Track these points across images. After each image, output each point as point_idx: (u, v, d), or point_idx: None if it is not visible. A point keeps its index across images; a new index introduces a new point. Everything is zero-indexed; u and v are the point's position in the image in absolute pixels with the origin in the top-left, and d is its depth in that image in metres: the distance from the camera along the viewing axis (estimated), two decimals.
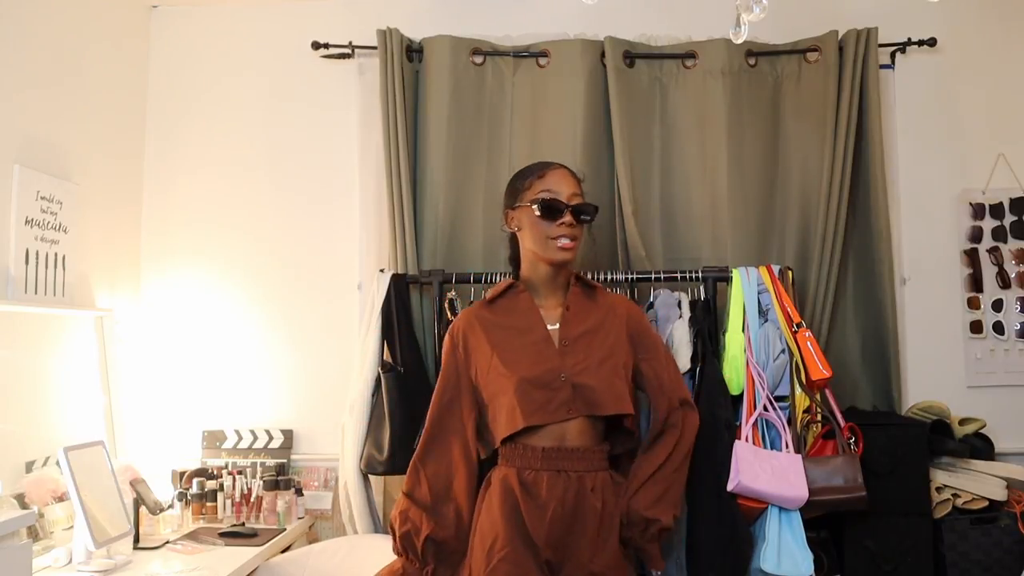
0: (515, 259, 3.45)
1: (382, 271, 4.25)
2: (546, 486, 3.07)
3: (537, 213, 3.20)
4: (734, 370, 3.82)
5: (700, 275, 4.06)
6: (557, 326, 3.25)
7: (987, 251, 4.54)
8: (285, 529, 4.11)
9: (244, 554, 3.68)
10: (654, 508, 3.11)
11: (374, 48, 4.45)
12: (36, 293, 3.73)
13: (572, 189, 3.26)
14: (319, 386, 4.56)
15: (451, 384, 3.28)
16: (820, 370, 3.75)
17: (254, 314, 4.66)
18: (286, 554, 3.98)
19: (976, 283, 4.53)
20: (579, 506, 3.07)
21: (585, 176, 3.42)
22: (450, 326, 3.39)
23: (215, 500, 4.23)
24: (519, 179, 3.36)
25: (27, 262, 3.67)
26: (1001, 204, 4.55)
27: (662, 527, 3.10)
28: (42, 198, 3.77)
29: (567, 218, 3.19)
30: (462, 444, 3.20)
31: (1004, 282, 4.51)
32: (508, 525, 3.03)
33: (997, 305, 4.52)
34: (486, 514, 3.11)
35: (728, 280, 4.02)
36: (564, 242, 3.20)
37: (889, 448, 3.93)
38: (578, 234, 3.24)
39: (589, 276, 3.82)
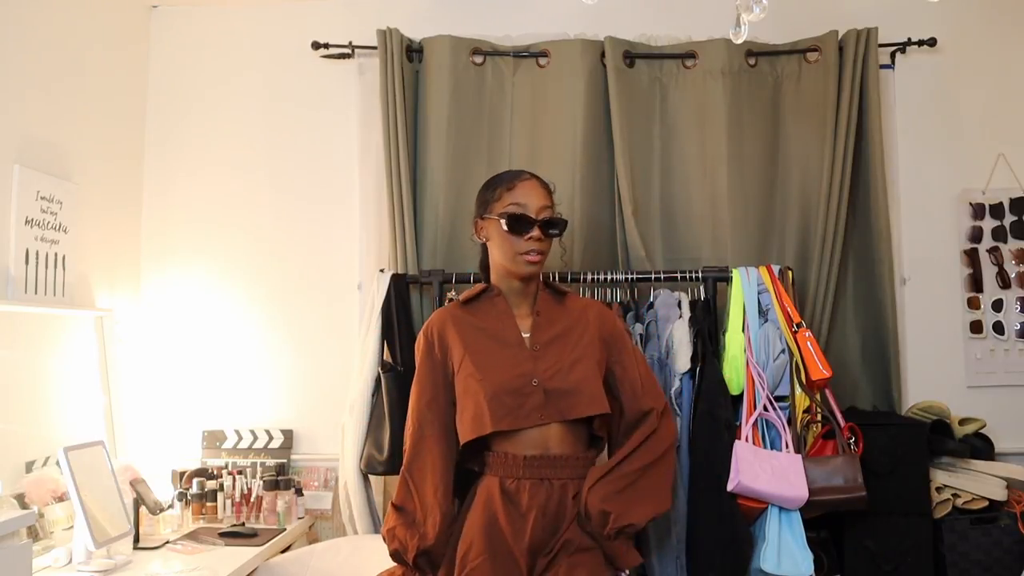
0: (485, 268, 3.38)
1: (382, 271, 4.25)
2: (528, 494, 3.03)
3: (505, 228, 3.13)
4: (734, 370, 3.82)
5: (700, 275, 4.07)
6: (529, 334, 3.19)
7: (987, 251, 4.54)
8: (285, 529, 4.10)
9: (244, 554, 3.68)
10: (609, 502, 3.00)
11: (374, 48, 4.45)
12: (36, 293, 3.72)
13: (542, 202, 3.17)
14: (319, 386, 4.57)
15: (429, 384, 3.21)
16: (820, 370, 3.75)
17: (254, 314, 4.66)
18: (286, 554, 3.98)
19: (976, 283, 4.53)
20: (560, 513, 3.04)
21: (555, 187, 3.32)
22: (423, 326, 3.32)
23: (215, 500, 4.23)
24: (488, 189, 3.28)
25: (27, 262, 3.67)
26: (1001, 204, 4.55)
27: (623, 526, 3.00)
28: (42, 198, 3.77)
29: (535, 233, 3.11)
30: (446, 447, 3.15)
31: (1004, 282, 4.51)
32: (484, 535, 3.00)
33: (997, 305, 4.52)
34: (468, 523, 3.07)
35: (728, 280, 4.03)
36: (531, 256, 3.12)
37: (889, 448, 3.93)
38: (546, 248, 3.17)
39: (591, 278, 3.86)
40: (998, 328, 4.52)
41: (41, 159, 3.82)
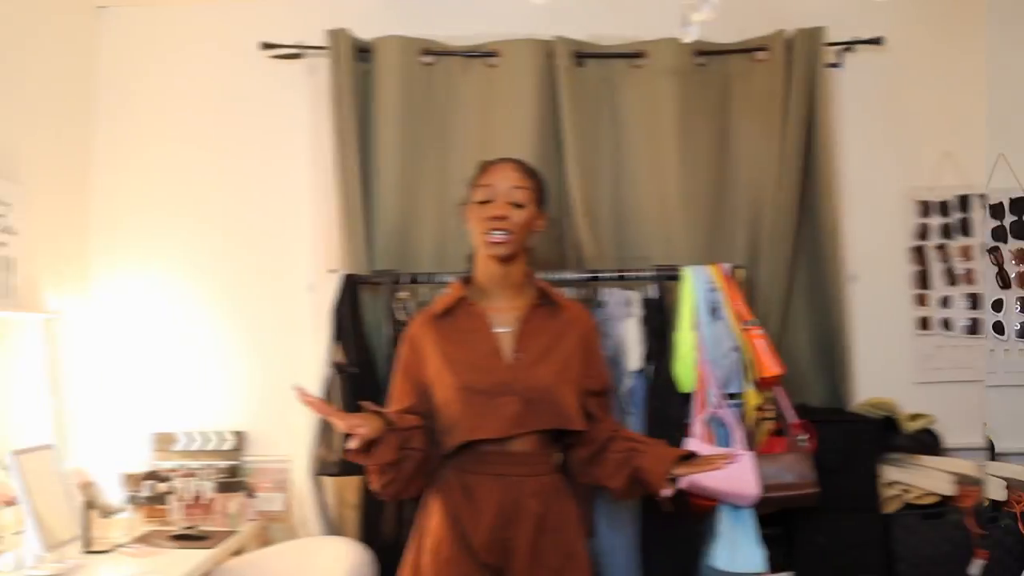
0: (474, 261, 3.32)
1: (333, 271, 4.24)
2: (485, 490, 3.03)
3: (476, 209, 3.17)
4: (685, 368, 3.84)
5: (651, 274, 4.08)
6: (509, 329, 3.17)
7: (934, 248, 4.58)
8: (237, 531, 4.09)
9: (195, 556, 3.67)
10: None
11: (324, 48, 4.44)
12: None
13: (511, 183, 3.17)
14: (271, 387, 4.51)
15: (399, 392, 3.22)
16: (771, 367, 3.78)
17: (205, 315, 4.63)
18: (241, 557, 3.96)
19: (924, 280, 4.56)
20: (517, 510, 3.02)
21: (544, 175, 3.33)
22: (404, 331, 3.33)
23: (166, 503, 4.20)
24: (474, 175, 3.30)
25: None
26: (946, 202, 4.59)
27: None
28: None
29: (497, 212, 3.11)
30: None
31: (951, 279, 4.55)
32: (449, 529, 3.01)
33: (945, 301, 4.56)
34: (432, 514, 3.08)
35: (679, 279, 4.04)
36: (496, 236, 3.10)
37: (839, 444, 3.97)
38: (513, 226, 3.11)
39: (555, 277, 3.93)
40: (946, 324, 4.56)
41: None
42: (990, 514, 4.05)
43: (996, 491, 4.06)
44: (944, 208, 4.59)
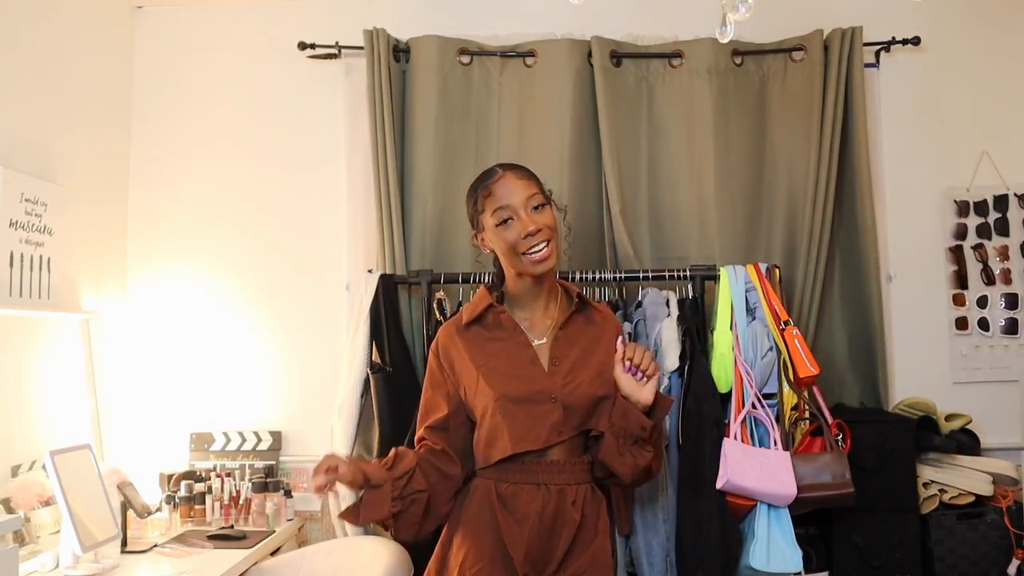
0: (500, 274, 3.22)
1: (370, 271, 4.24)
2: (525, 499, 2.96)
3: (502, 235, 2.99)
4: (722, 368, 3.83)
5: (688, 273, 4.07)
6: (544, 340, 3.09)
7: (972, 248, 4.57)
8: (275, 531, 4.08)
9: (233, 556, 3.65)
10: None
11: (361, 48, 4.45)
12: (21, 296, 3.69)
13: (525, 193, 2.99)
14: (308, 387, 4.57)
15: (430, 403, 3.14)
16: (808, 367, 3.76)
17: (242, 316, 4.66)
18: (278, 557, 3.96)
19: (961, 280, 4.56)
20: (558, 520, 2.96)
21: (537, 172, 3.14)
22: (432, 343, 3.22)
23: (203, 503, 4.19)
24: (471, 202, 3.11)
25: (11, 264, 3.64)
26: (985, 201, 4.59)
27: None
28: (26, 200, 3.73)
29: (531, 227, 2.94)
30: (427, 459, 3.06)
31: (988, 279, 4.54)
32: (482, 540, 2.94)
33: (982, 301, 4.55)
34: (463, 525, 3.01)
35: (716, 278, 4.02)
36: (537, 254, 2.98)
37: (876, 444, 3.96)
38: (548, 235, 2.99)
39: (579, 277, 3.90)
40: (983, 324, 4.55)
41: (25, 161, 3.80)
42: (976, 509, 4.08)
43: (982, 486, 4.07)
44: (981, 208, 4.57)
